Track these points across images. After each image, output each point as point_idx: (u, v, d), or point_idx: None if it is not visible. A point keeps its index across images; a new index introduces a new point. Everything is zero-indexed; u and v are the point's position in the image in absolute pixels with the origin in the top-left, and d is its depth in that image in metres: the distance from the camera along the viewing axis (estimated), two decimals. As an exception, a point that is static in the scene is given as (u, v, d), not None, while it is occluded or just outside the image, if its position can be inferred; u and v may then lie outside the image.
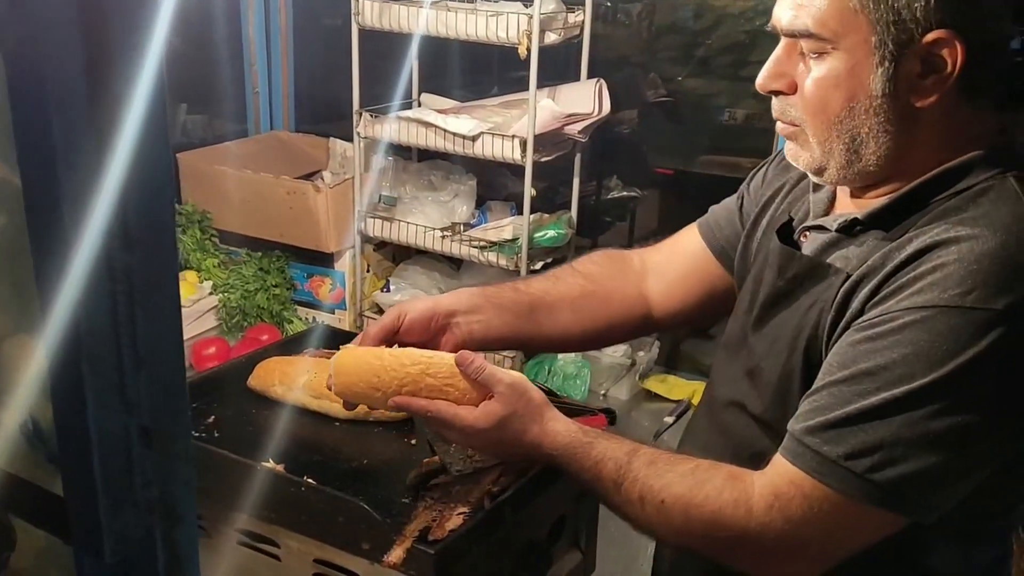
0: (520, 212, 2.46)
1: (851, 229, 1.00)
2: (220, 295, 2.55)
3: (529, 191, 2.36)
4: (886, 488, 0.87)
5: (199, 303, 2.50)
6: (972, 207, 0.90)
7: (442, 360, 1.16)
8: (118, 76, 0.50)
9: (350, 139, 2.64)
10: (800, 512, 0.91)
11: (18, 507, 0.63)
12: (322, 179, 2.80)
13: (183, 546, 0.56)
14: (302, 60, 3.06)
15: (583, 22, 2.42)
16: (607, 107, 2.47)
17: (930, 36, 0.89)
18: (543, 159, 2.40)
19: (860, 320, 0.92)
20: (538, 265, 2.52)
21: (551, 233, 2.49)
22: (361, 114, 2.53)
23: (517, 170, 2.46)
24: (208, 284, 2.55)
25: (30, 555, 0.70)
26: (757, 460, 1.00)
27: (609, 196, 3.17)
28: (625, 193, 3.13)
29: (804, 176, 1.09)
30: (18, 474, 0.61)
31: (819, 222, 1.05)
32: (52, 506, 0.56)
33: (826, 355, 0.96)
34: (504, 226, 2.48)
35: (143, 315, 0.50)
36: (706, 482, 0.98)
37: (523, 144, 2.31)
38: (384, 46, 2.57)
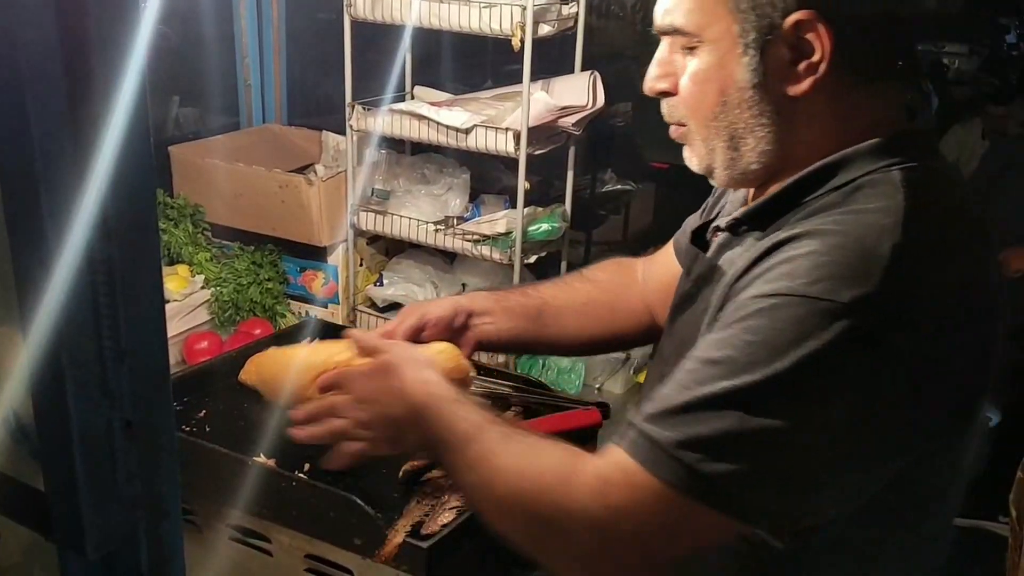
0: (514, 206, 2.45)
1: (737, 229, 0.98)
2: (212, 289, 2.54)
3: (523, 184, 2.35)
4: (714, 483, 0.79)
5: (191, 297, 2.48)
6: (845, 204, 0.85)
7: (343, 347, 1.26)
8: (98, 66, 0.49)
9: (343, 132, 2.62)
10: (622, 500, 0.83)
11: (0, 504, 0.62)
12: (315, 172, 2.79)
13: (168, 541, 0.56)
14: (294, 53, 3.04)
15: (577, 14, 2.40)
16: (601, 100, 2.46)
17: (790, 20, 0.85)
18: (537, 152, 2.39)
19: (720, 317, 0.88)
20: (532, 259, 2.51)
21: (545, 227, 2.48)
22: (354, 107, 2.51)
23: (511, 163, 2.45)
24: (200, 278, 2.54)
25: (15, 552, 0.69)
26: None
27: (604, 190, 3.17)
28: (620, 187, 3.12)
29: None
30: (1, 470, 0.60)
31: (720, 222, 1.04)
32: (34, 502, 0.55)
33: None
34: (498, 220, 2.47)
35: (125, 306, 0.50)
36: (541, 454, 0.92)
37: (517, 137, 2.30)
38: (377, 39, 2.56)
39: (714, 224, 1.06)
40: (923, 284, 0.81)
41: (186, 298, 2.46)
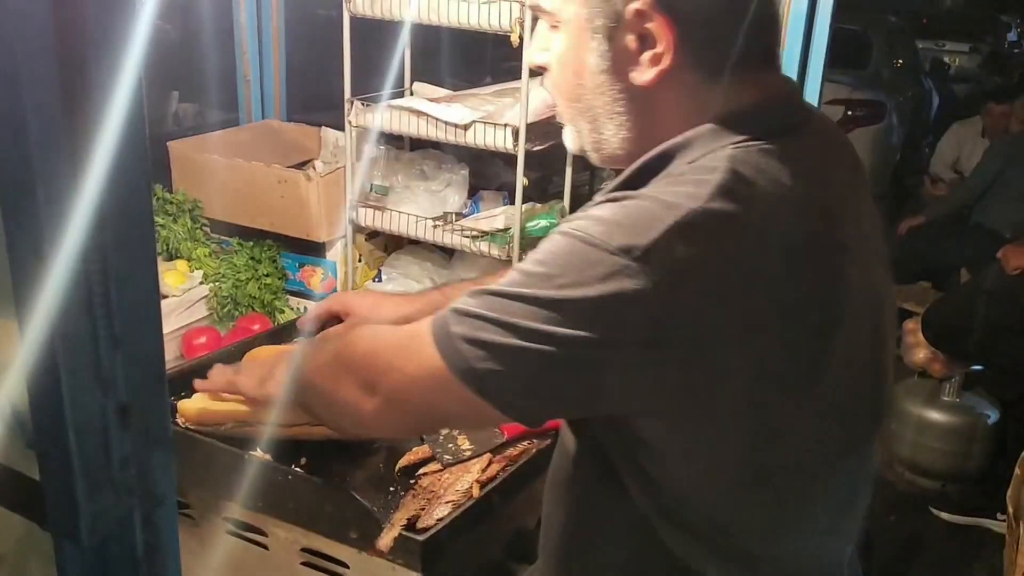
0: (512, 202, 2.45)
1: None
2: (211, 284, 2.54)
3: (521, 180, 2.35)
4: (480, 375, 0.85)
5: (190, 292, 2.48)
6: (654, 187, 0.86)
7: None
8: (93, 57, 0.49)
9: (342, 128, 2.63)
10: (411, 366, 0.91)
11: (-5, 492, 0.62)
12: (314, 168, 2.79)
13: (163, 528, 0.56)
14: (294, 49, 3.04)
15: (576, 10, 2.40)
16: (600, 96, 2.46)
17: (630, 8, 0.85)
18: (536, 148, 2.39)
19: None
20: (530, 255, 2.50)
21: (544, 223, 2.48)
22: (352, 103, 2.51)
23: (510, 159, 2.45)
24: (199, 273, 2.54)
25: (9, 541, 0.69)
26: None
27: (602, 186, 3.16)
28: (618, 183, 3.12)
29: None
30: (-4, 458, 0.60)
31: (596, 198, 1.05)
32: (29, 491, 0.56)
33: None
34: (496, 216, 2.47)
35: (119, 294, 0.50)
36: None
37: (515, 133, 2.30)
38: (376, 34, 2.56)
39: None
40: (702, 256, 0.81)
41: (185, 293, 2.46)
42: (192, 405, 1.34)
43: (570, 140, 1.00)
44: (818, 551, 1.00)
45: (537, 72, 1.03)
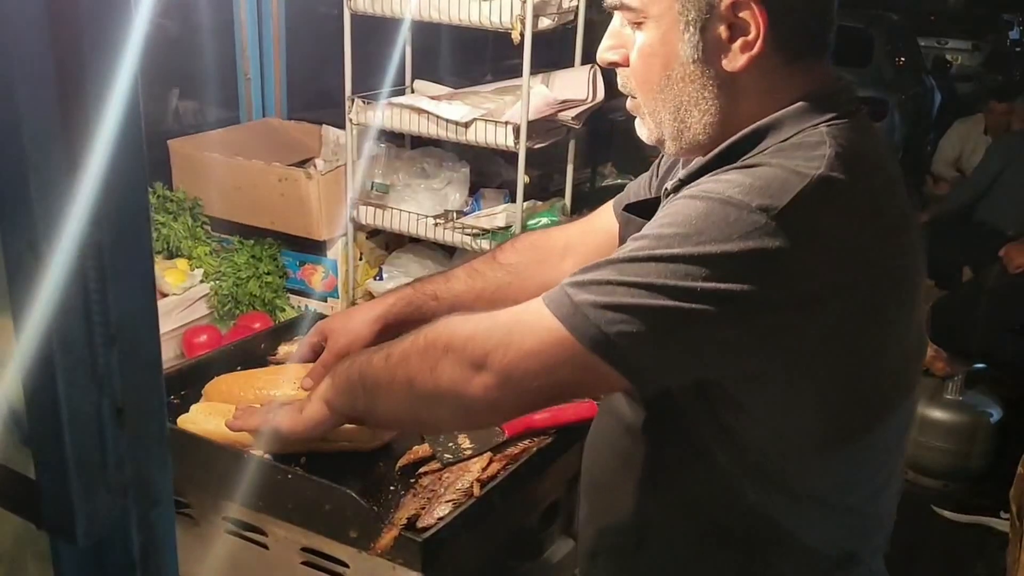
0: (513, 199, 2.44)
1: (679, 191, 1.02)
2: (212, 283, 2.53)
3: (522, 178, 2.35)
4: (613, 341, 0.87)
5: (190, 291, 2.48)
6: (776, 156, 0.92)
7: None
8: (89, 53, 0.48)
9: (342, 126, 2.62)
10: (532, 343, 0.91)
11: (-9, 491, 0.62)
12: (314, 166, 2.78)
13: (159, 529, 0.55)
14: (294, 46, 3.03)
15: (577, 7, 2.40)
16: (601, 93, 2.45)
17: (726, 1, 0.91)
18: (536, 146, 2.38)
19: None
20: (531, 253, 2.50)
21: (545, 220, 2.47)
22: (353, 100, 2.51)
23: (510, 157, 2.44)
24: (199, 272, 2.53)
25: (7, 541, 0.69)
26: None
27: (604, 183, 3.16)
28: (620, 180, 3.12)
29: None
30: (-7, 458, 0.60)
31: (668, 185, 1.07)
32: (24, 489, 0.55)
33: None
34: (497, 213, 2.47)
35: (115, 292, 0.49)
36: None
37: (516, 131, 2.29)
38: (377, 32, 2.55)
39: (664, 188, 1.10)
40: (827, 220, 0.88)
41: (185, 292, 2.46)
42: (192, 424, 1.33)
43: (646, 131, 1.03)
44: (882, 498, 1.07)
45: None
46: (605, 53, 1.03)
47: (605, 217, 1.33)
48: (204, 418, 1.33)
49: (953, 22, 10.42)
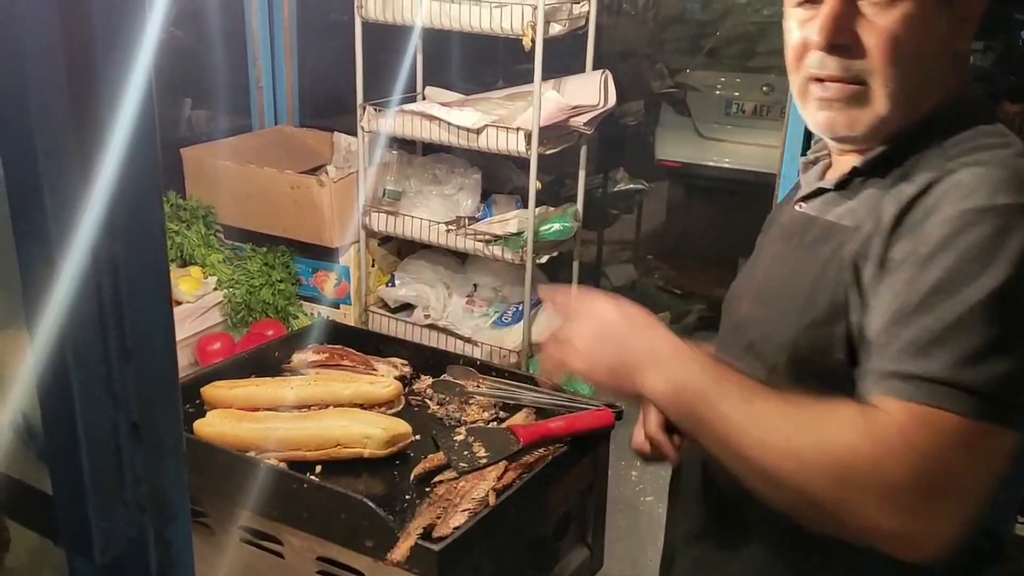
0: (525, 205, 2.44)
1: (848, 183, 0.99)
2: (225, 290, 2.54)
3: (534, 184, 2.34)
4: (994, 396, 0.81)
5: (204, 299, 2.48)
6: (975, 144, 0.92)
7: None
8: (103, 65, 0.48)
9: (354, 133, 2.62)
10: (928, 443, 0.82)
11: (8, 506, 0.61)
12: (326, 173, 2.79)
13: (176, 545, 0.55)
14: (306, 54, 3.04)
15: (588, 13, 2.39)
16: (613, 99, 2.44)
17: None
18: (548, 152, 2.38)
19: (894, 260, 0.89)
20: (543, 259, 2.49)
21: (557, 226, 2.47)
22: (365, 108, 2.51)
23: (522, 163, 2.44)
24: (213, 280, 2.54)
25: (24, 554, 0.68)
26: None
27: (615, 189, 3.15)
28: (632, 186, 3.11)
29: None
30: (8, 473, 0.59)
31: (812, 189, 1.04)
32: (42, 505, 0.55)
33: (869, 308, 0.91)
34: (509, 219, 2.46)
35: (131, 306, 0.49)
36: (828, 425, 0.87)
37: (528, 137, 2.29)
38: (388, 40, 2.56)
39: (801, 196, 1.06)
40: None
41: (199, 299, 2.46)
42: (208, 428, 1.33)
43: (864, 119, 0.96)
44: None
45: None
46: (836, 36, 0.94)
47: None
48: (220, 420, 1.34)
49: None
